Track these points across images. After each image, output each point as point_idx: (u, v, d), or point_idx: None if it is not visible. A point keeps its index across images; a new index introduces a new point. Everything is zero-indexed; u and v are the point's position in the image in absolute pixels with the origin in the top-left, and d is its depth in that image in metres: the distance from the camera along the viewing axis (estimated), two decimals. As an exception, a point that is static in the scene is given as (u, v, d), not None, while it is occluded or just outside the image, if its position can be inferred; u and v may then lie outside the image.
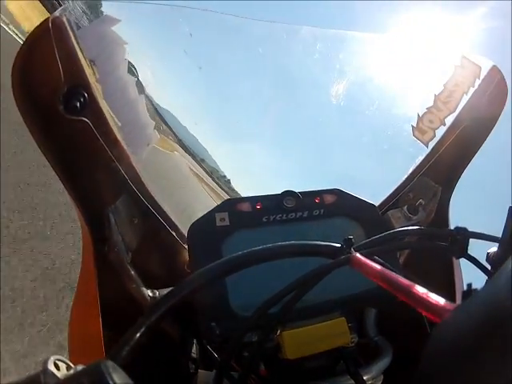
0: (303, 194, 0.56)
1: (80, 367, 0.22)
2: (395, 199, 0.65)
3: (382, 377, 0.50)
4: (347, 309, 0.52)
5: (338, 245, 0.37)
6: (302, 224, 0.54)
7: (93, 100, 0.47)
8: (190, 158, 1.21)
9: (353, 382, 0.46)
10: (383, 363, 0.50)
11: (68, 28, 0.45)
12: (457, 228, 0.45)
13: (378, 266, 0.29)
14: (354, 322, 0.52)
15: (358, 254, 0.34)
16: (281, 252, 0.36)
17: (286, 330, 0.46)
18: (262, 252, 0.35)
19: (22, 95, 0.42)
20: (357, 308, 0.55)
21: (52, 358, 0.23)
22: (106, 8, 0.52)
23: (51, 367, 0.22)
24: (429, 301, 0.22)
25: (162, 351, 0.56)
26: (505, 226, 0.45)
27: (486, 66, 0.63)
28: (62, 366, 0.23)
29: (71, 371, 0.22)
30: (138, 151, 0.47)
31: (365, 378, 0.47)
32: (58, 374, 0.22)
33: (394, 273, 0.27)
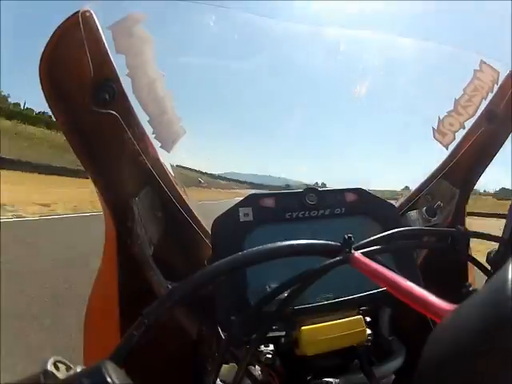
0: (325, 191, 0.56)
1: (80, 368, 0.22)
2: (414, 201, 0.65)
3: (393, 376, 0.51)
4: (364, 307, 0.53)
5: (338, 244, 0.37)
6: (324, 221, 0.55)
7: (121, 94, 0.47)
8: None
9: (365, 379, 0.47)
10: (396, 363, 0.51)
11: (97, 22, 0.45)
12: (457, 228, 0.45)
13: (376, 266, 0.29)
14: (369, 321, 0.52)
15: (356, 254, 0.34)
16: (281, 251, 0.36)
17: (304, 326, 0.47)
18: (262, 251, 0.35)
19: (50, 87, 0.43)
20: (373, 307, 0.55)
21: (52, 359, 0.22)
22: (129, 6, 0.52)
23: (51, 368, 0.22)
24: (428, 301, 0.22)
25: (177, 345, 0.57)
26: (505, 226, 0.45)
27: (504, 70, 0.64)
28: (62, 366, 0.23)
29: (71, 372, 0.22)
30: (165, 146, 0.48)
31: (377, 376, 0.47)
32: (58, 375, 0.21)
33: (393, 273, 0.27)
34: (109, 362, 0.21)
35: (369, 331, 0.50)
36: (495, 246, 0.50)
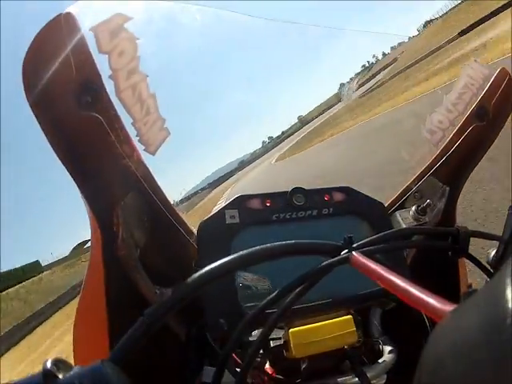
0: (312, 191, 0.56)
1: (80, 368, 0.22)
2: (403, 199, 0.65)
3: (385, 376, 0.51)
4: (354, 308, 0.53)
5: (338, 244, 0.37)
6: (312, 222, 0.54)
7: (104, 96, 0.47)
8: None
9: (357, 380, 0.47)
10: (388, 363, 0.51)
11: (80, 24, 0.45)
12: (457, 227, 0.45)
13: (376, 266, 0.29)
14: (360, 322, 0.52)
15: (355, 254, 0.34)
16: (280, 251, 0.36)
17: (292, 327, 0.46)
18: (261, 252, 0.35)
19: (32, 90, 0.42)
20: (363, 307, 0.55)
21: (52, 359, 0.23)
22: (118, 5, 0.52)
23: (51, 368, 0.22)
24: (427, 301, 0.21)
25: (166, 348, 0.56)
26: (505, 226, 0.45)
27: (494, 68, 0.63)
28: (62, 366, 0.23)
29: (71, 372, 0.22)
30: (150, 148, 0.47)
31: (369, 376, 0.47)
32: (58, 375, 0.22)
33: (393, 273, 0.27)
34: (108, 362, 0.22)
35: (359, 332, 0.49)
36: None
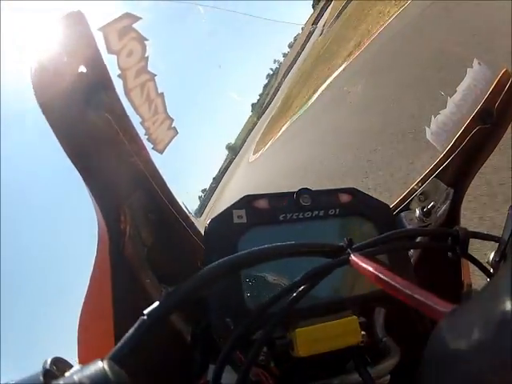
0: (319, 192, 0.56)
1: (79, 367, 0.22)
2: (408, 201, 0.66)
3: (388, 376, 0.51)
4: (358, 308, 0.53)
5: (339, 245, 0.37)
6: (318, 222, 0.55)
7: (113, 95, 0.47)
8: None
9: (361, 380, 0.47)
10: (391, 363, 0.51)
11: (89, 23, 0.45)
12: (457, 227, 0.45)
13: (376, 267, 0.29)
14: (364, 321, 0.52)
15: (353, 255, 0.34)
16: (282, 252, 0.36)
17: (298, 327, 0.47)
18: (262, 253, 0.35)
19: (42, 91, 0.43)
20: (367, 307, 0.55)
21: (52, 358, 0.23)
22: (125, 6, 0.52)
23: (51, 367, 0.22)
24: (428, 302, 0.21)
25: (171, 346, 0.56)
26: (505, 226, 0.45)
27: (498, 69, 0.64)
28: (62, 366, 0.23)
29: (71, 371, 0.22)
30: (158, 147, 0.47)
31: (373, 376, 0.47)
32: (58, 374, 0.22)
33: (394, 274, 0.27)
34: (109, 361, 0.22)
35: (363, 332, 0.50)
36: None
